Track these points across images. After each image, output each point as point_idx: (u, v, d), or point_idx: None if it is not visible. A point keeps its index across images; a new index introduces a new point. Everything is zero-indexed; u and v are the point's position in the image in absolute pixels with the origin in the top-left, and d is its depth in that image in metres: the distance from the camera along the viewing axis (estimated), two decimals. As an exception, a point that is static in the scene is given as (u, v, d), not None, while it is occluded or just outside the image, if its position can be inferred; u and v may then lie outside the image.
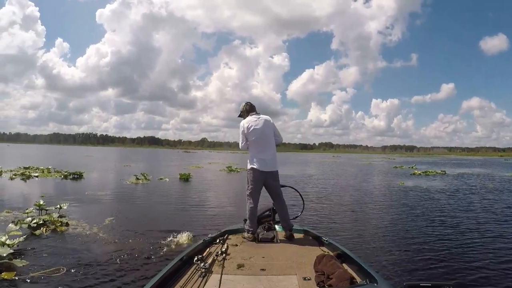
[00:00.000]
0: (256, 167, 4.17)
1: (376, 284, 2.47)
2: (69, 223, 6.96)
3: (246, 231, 4.06)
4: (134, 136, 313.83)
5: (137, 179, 16.16)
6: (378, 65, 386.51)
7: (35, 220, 6.51)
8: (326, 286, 2.56)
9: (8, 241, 4.98)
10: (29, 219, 6.52)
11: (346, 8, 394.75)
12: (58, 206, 7.85)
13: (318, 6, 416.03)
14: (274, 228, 4.25)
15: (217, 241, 3.82)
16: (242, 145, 4.27)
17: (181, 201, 10.67)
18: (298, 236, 4.13)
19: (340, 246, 3.42)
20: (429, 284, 2.14)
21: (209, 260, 3.13)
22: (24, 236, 5.71)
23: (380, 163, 48.87)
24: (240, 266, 3.06)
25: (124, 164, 31.64)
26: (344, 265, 2.97)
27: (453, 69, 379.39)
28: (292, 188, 4.96)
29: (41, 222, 6.58)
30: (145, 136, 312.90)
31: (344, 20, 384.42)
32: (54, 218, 6.93)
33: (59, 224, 6.70)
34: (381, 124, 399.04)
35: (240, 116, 4.42)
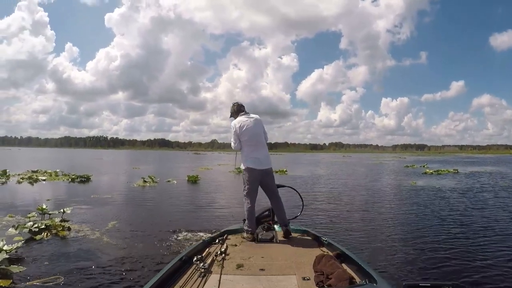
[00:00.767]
0: (252, 166, 4.21)
1: (375, 284, 2.46)
2: (71, 227, 6.82)
3: (245, 231, 4.07)
4: (145, 139, 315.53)
5: (144, 181, 16.03)
6: (387, 64, 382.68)
7: (36, 225, 6.36)
8: (326, 286, 2.56)
9: (5, 247, 4.81)
10: (30, 223, 6.37)
11: (354, 7, 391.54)
12: (61, 210, 7.69)
13: (326, 6, 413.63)
14: (274, 228, 4.26)
15: (217, 241, 3.82)
16: (235, 145, 4.28)
17: (187, 204, 10.51)
18: (298, 236, 4.15)
19: (339, 246, 3.42)
20: (428, 284, 2.11)
21: (209, 260, 3.12)
22: (24, 241, 5.60)
23: (391, 162, 48.22)
24: (239, 266, 3.06)
25: (133, 166, 31.71)
26: (343, 265, 2.97)
27: (463, 66, 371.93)
28: (292, 188, 4.92)
29: (43, 226, 6.42)
30: (155, 138, 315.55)
31: (352, 20, 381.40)
32: (56, 222, 6.77)
33: (61, 229, 6.55)
34: (391, 123, 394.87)
35: (231, 117, 4.46)
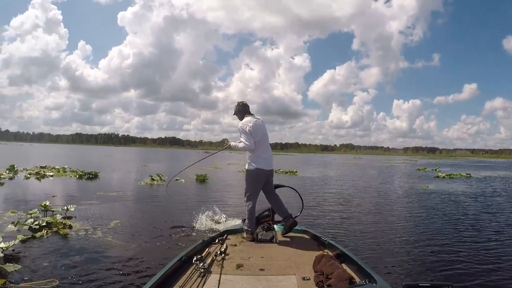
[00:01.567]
0: (263, 167, 4.23)
1: (375, 284, 2.46)
2: (73, 225, 6.67)
3: (245, 231, 4.08)
4: (156, 137, 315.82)
5: (152, 179, 15.89)
6: (399, 65, 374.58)
7: (36, 222, 6.24)
8: (325, 286, 2.56)
9: (1, 244, 4.67)
10: (31, 220, 6.25)
11: (367, 8, 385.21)
12: (65, 207, 7.58)
13: (339, 6, 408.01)
14: (273, 228, 4.31)
15: (216, 241, 3.83)
16: (251, 144, 4.17)
17: (193, 203, 10.25)
18: (297, 236, 4.17)
19: (339, 246, 3.44)
20: (428, 284, 2.13)
21: (208, 260, 3.13)
22: (22, 238, 5.48)
23: (402, 165, 47.51)
24: (239, 266, 3.07)
25: (142, 164, 31.71)
26: (343, 265, 2.99)
27: (476, 69, 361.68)
28: (291, 188, 4.90)
29: (44, 224, 6.29)
30: (166, 136, 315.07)
31: (364, 20, 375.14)
32: (57, 220, 6.62)
33: (62, 227, 6.40)
34: (403, 125, 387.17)
35: (235, 115, 4.43)
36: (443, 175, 24.82)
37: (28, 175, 16.34)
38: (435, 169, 33.86)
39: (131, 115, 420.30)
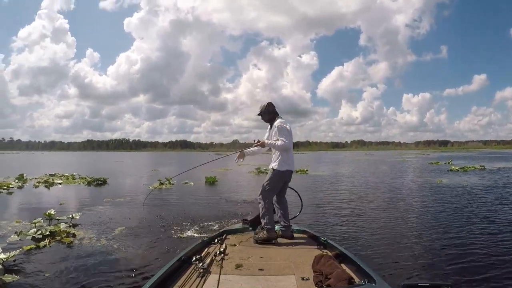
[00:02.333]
0: (291, 168, 4.31)
1: (374, 284, 2.46)
2: (76, 234, 6.56)
3: (265, 229, 4.00)
4: (166, 141, 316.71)
5: (161, 184, 15.81)
6: (407, 59, 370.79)
7: (39, 231, 6.15)
8: (325, 286, 2.56)
9: (1, 255, 4.60)
10: (34, 230, 6.18)
11: (373, 3, 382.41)
12: (70, 215, 7.48)
13: (344, 2, 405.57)
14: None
15: (216, 241, 3.84)
16: (290, 143, 4.26)
17: (202, 207, 10.11)
18: (297, 236, 4.18)
19: (338, 246, 3.45)
20: (427, 284, 2.13)
21: (208, 260, 3.14)
22: (23, 248, 5.38)
23: (415, 160, 46.87)
24: (238, 266, 3.08)
25: (152, 168, 31.69)
26: (342, 265, 2.98)
27: (485, 59, 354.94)
28: (291, 188, 4.80)
29: (47, 233, 6.20)
30: (177, 140, 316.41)
31: (370, 16, 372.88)
32: (60, 228, 6.52)
33: (65, 236, 6.28)
34: (413, 119, 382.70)
35: (259, 115, 4.44)
36: (457, 168, 24.30)
37: (37, 184, 16.36)
38: (448, 162, 33.29)
39: (141, 120, 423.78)
